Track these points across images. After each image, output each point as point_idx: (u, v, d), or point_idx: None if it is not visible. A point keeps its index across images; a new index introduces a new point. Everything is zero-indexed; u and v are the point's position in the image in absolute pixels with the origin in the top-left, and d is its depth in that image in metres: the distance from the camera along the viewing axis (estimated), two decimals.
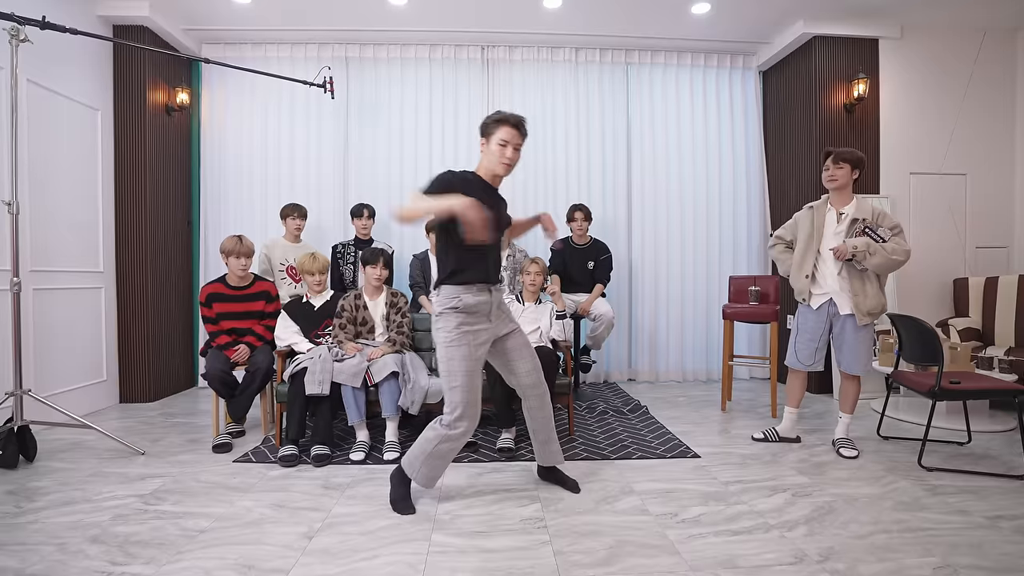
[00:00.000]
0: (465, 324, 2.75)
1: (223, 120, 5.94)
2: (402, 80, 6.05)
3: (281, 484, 3.23)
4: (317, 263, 4.18)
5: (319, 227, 5.93)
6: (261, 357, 4.06)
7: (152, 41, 5.29)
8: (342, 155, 6.00)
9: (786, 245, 4.05)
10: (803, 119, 5.72)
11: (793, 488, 3.15)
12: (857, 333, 3.65)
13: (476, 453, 3.75)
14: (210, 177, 5.92)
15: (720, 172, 6.28)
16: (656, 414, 4.80)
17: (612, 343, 6.20)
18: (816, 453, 3.76)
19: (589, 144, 6.20)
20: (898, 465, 3.51)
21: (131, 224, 5.22)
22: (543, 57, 6.13)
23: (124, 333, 5.23)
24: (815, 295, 3.80)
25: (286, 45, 5.95)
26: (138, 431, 4.32)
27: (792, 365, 3.91)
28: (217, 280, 4.21)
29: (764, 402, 5.22)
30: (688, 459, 3.65)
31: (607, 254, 5.35)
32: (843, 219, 3.70)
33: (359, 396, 3.72)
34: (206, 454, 3.77)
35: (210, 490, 3.15)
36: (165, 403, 5.24)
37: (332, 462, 3.58)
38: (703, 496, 3.05)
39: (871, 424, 4.44)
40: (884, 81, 5.61)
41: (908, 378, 3.71)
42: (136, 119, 5.22)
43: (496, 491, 3.13)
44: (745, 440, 4.06)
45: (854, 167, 3.68)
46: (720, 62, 6.30)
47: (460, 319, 2.75)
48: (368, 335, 4.10)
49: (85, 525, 2.71)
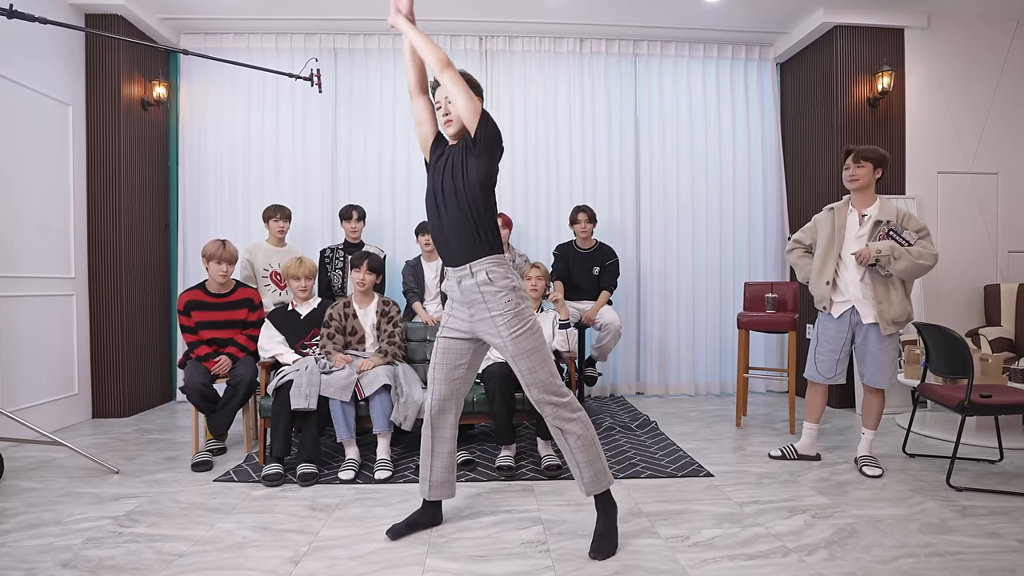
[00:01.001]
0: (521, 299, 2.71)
1: (203, 116, 5.97)
2: (394, 73, 6.08)
3: (265, 505, 3.25)
4: (304, 268, 4.20)
5: (305, 229, 5.96)
6: (243, 369, 4.07)
7: (127, 31, 5.32)
8: (330, 153, 6.04)
9: (805, 249, 4.07)
10: (823, 114, 5.75)
11: (813, 509, 3.16)
12: (881, 343, 3.66)
13: (474, 472, 3.76)
14: (189, 176, 5.95)
15: (734, 171, 6.31)
16: (666, 430, 4.82)
17: (619, 354, 6.22)
18: (837, 472, 3.77)
19: (594, 141, 6.23)
20: (925, 485, 3.52)
21: (104, 226, 5.24)
22: (545, 48, 6.17)
23: (97, 343, 5.25)
24: (836, 303, 3.81)
25: (270, 35, 5.99)
26: (112, 448, 4.33)
27: (812, 378, 3.92)
28: (196, 287, 4.23)
29: (782, 417, 5.24)
30: (700, 478, 3.67)
31: (613, 259, 5.37)
32: (866, 221, 3.71)
33: (348, 411, 3.73)
34: (184, 473, 3.78)
35: (189, 511, 3.16)
36: (141, 418, 5.26)
37: (319, 481, 3.59)
38: (716, 518, 3.06)
39: (896, 441, 4.45)
40: (910, 74, 5.65)
41: (936, 391, 3.72)
42: (110, 114, 5.25)
43: (495, 512, 3.14)
44: (761, 458, 4.08)
45: (876, 166, 3.69)
46: (735, 53, 6.34)
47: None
48: (358, 345, 4.12)
49: (55, 549, 2.71)
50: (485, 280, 2.62)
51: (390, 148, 6.06)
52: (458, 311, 2.77)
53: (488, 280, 2.62)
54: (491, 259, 2.65)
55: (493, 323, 2.62)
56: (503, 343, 2.62)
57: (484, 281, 2.62)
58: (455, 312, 2.79)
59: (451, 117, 2.71)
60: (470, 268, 2.65)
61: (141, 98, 5.54)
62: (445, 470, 2.93)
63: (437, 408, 2.86)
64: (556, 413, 2.67)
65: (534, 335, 2.64)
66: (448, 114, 2.71)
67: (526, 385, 2.66)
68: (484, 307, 2.64)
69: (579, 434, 2.68)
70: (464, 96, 2.56)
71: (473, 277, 2.64)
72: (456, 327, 2.78)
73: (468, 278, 2.66)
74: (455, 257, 2.69)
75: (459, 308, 2.76)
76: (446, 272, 2.77)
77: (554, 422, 2.68)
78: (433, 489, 2.93)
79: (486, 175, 2.64)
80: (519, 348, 2.61)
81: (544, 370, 2.64)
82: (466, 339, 2.80)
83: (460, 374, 2.84)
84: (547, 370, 2.65)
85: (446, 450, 2.92)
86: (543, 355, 2.65)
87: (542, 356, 2.64)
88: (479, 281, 2.63)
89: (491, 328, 2.64)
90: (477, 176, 2.62)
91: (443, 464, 2.92)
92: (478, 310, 2.66)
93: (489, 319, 2.64)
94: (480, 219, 2.64)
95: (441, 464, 2.92)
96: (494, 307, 2.62)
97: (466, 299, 2.69)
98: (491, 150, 2.63)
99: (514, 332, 2.60)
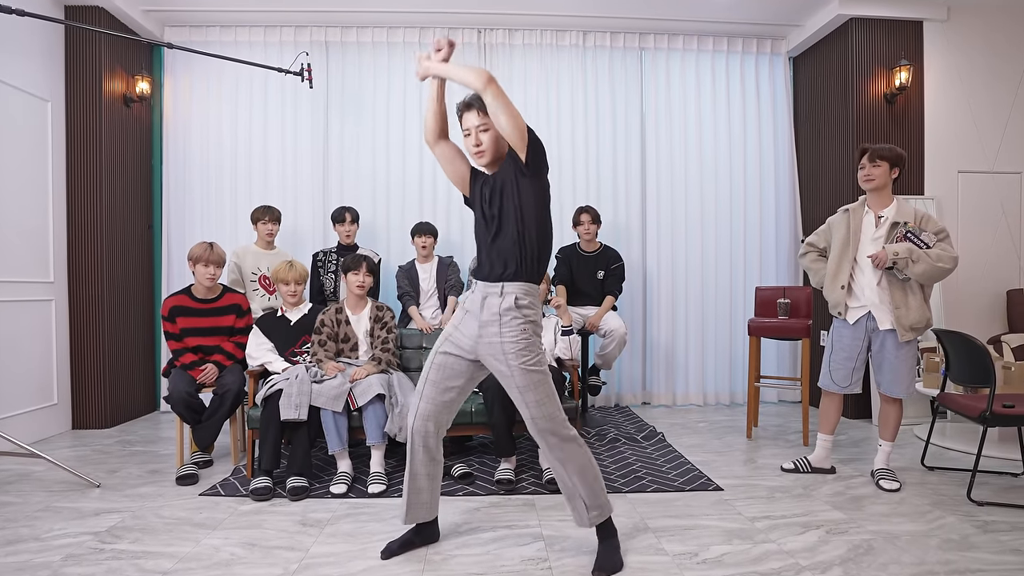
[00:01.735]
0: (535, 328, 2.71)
1: (188, 112, 6.00)
2: (389, 68, 6.11)
3: (253, 520, 3.26)
4: (294, 272, 4.21)
5: (295, 232, 5.98)
6: (231, 378, 4.09)
7: (108, 24, 5.33)
8: (321, 152, 6.05)
9: (819, 253, 4.09)
10: (839, 111, 5.78)
11: (827, 525, 3.17)
12: (898, 351, 3.68)
13: (471, 485, 3.77)
14: (174, 176, 5.97)
15: (745, 171, 6.33)
16: (673, 442, 4.83)
17: (624, 362, 6.24)
18: (853, 485, 3.78)
19: (598, 139, 6.25)
20: (945, 499, 3.53)
21: (85, 228, 5.25)
22: (547, 42, 6.20)
23: (77, 351, 5.26)
24: (852, 308, 3.83)
25: (259, 28, 6.01)
26: (93, 461, 4.34)
27: (826, 387, 3.94)
28: (182, 292, 4.25)
29: (795, 428, 5.25)
30: (709, 492, 3.68)
31: (619, 262, 5.39)
32: (882, 223, 3.73)
33: (340, 421, 3.75)
34: (169, 487, 3.80)
35: (173, 527, 3.17)
36: (123, 429, 5.27)
37: (310, 496, 3.61)
38: (726, 534, 3.07)
39: (914, 453, 4.46)
40: (929, 68, 5.67)
41: (956, 401, 3.73)
42: (91, 111, 5.27)
43: (494, 528, 3.15)
44: (773, 471, 4.09)
45: (893, 165, 3.71)
46: (745, 47, 6.36)
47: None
48: (351, 353, 4.13)
49: (33, 566, 2.72)
50: (511, 305, 2.60)
51: (384, 147, 6.08)
52: (467, 326, 2.72)
53: (515, 306, 2.61)
54: (525, 285, 2.64)
55: (501, 349, 2.59)
56: (509, 371, 2.60)
57: (510, 306, 2.60)
58: (463, 327, 2.74)
59: (483, 148, 2.67)
60: (502, 287, 2.63)
61: (123, 94, 5.56)
62: (426, 491, 2.88)
63: (419, 425, 2.77)
64: (560, 445, 2.66)
65: (543, 369, 2.63)
66: (480, 144, 2.67)
67: (532, 419, 2.62)
68: (497, 330, 2.60)
69: (583, 464, 2.69)
70: (510, 115, 2.50)
71: (501, 297, 2.62)
72: (459, 343, 2.73)
73: (495, 296, 2.63)
74: (493, 274, 2.67)
75: (470, 323, 2.71)
76: (475, 285, 2.74)
77: (557, 454, 2.67)
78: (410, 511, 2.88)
79: (542, 194, 2.66)
80: (528, 380, 2.59)
81: (552, 404, 2.64)
82: (466, 360, 2.75)
83: (450, 397, 2.78)
84: (555, 404, 2.65)
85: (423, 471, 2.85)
86: (550, 389, 2.65)
87: (550, 390, 2.64)
88: (505, 305, 2.60)
89: (497, 353, 2.61)
90: (534, 198, 2.63)
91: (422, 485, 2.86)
92: (489, 332, 2.62)
93: (498, 344, 2.60)
94: (531, 243, 2.64)
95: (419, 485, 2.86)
96: (507, 333, 2.59)
97: (483, 317, 2.65)
98: (542, 168, 2.66)
99: (524, 363, 2.58)
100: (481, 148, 2.67)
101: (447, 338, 2.77)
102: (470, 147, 2.71)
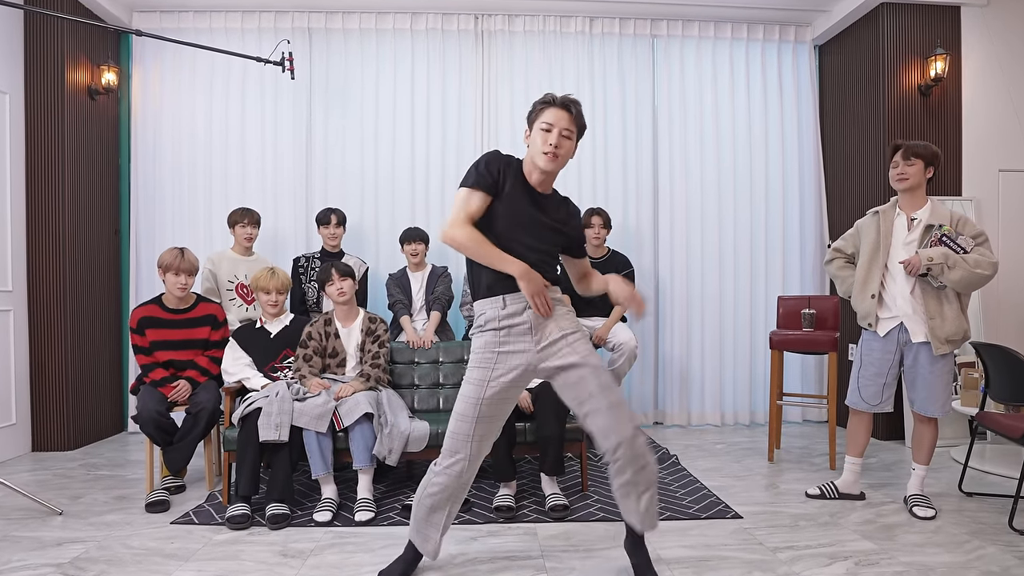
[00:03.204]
0: (493, 345, 2.77)
1: (159, 106, 6.02)
2: (378, 57, 6.14)
3: (229, 551, 3.28)
4: (276, 280, 4.24)
5: (276, 235, 6.01)
6: (205, 395, 4.11)
7: (72, 9, 5.36)
8: (304, 149, 6.09)
9: (846, 259, 4.10)
10: (869, 104, 5.81)
11: (856, 555, 3.19)
12: (933, 366, 3.68)
13: (468, 512, 3.79)
14: (143, 175, 5.99)
15: (767, 170, 6.35)
16: (688, 465, 4.85)
17: (634, 378, 6.25)
18: (884, 513, 3.80)
19: (606, 135, 6.28)
20: (984, 527, 3.55)
21: (46, 233, 5.28)
22: (550, 28, 6.23)
23: (37, 366, 5.27)
24: (882, 319, 3.83)
25: (235, 13, 6.05)
26: (55, 486, 4.36)
27: (854, 405, 3.95)
28: (151, 302, 4.28)
29: (821, 450, 5.27)
30: (728, 520, 3.70)
31: (629, 269, 5.41)
32: (915, 226, 3.74)
33: (325, 443, 3.77)
34: (138, 514, 3.81)
35: (143, 558, 3.19)
36: (88, 451, 5.28)
37: (292, 524, 3.62)
38: (746, 565, 3.10)
39: (951, 477, 4.47)
40: (967, 57, 5.70)
41: (996, 421, 3.75)
42: (52, 104, 5.30)
43: (493, 559, 3.18)
44: (797, 497, 4.10)
45: (928, 164, 3.73)
46: (767, 34, 6.40)
47: (487, 338, 2.78)
48: (337, 368, 4.15)
49: None
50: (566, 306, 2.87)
51: (372, 142, 6.10)
52: (516, 342, 2.77)
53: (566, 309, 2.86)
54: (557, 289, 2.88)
55: (566, 341, 2.76)
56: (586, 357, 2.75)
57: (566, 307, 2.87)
58: (510, 345, 2.77)
59: (561, 152, 2.74)
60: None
61: (88, 86, 5.59)
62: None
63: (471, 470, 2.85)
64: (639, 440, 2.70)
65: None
66: (559, 148, 2.72)
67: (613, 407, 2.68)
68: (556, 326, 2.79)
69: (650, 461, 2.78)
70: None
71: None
72: (514, 364, 2.77)
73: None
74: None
75: (516, 339, 2.76)
76: (504, 300, 2.75)
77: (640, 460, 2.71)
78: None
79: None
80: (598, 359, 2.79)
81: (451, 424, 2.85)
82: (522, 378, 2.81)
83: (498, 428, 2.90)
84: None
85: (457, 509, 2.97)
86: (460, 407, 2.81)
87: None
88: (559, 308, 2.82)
89: (564, 347, 2.76)
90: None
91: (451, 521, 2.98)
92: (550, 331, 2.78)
93: (562, 339, 2.77)
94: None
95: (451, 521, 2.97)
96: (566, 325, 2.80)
97: (538, 323, 2.76)
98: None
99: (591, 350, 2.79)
100: (559, 151, 2.72)
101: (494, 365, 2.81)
102: (545, 145, 2.71)
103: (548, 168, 2.72)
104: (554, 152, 2.69)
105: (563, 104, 2.73)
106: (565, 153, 2.73)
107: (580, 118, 2.76)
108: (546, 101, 2.76)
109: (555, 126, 2.70)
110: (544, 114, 2.74)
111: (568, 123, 2.72)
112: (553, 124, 2.70)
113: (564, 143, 2.71)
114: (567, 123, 2.71)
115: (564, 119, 2.71)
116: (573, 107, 2.73)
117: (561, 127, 2.70)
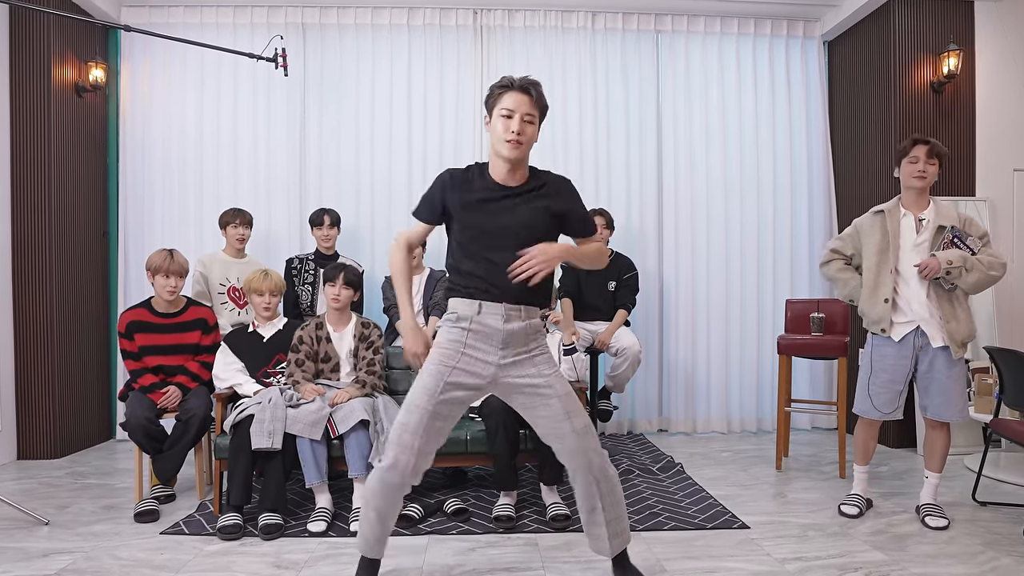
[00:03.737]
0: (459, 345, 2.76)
1: (148, 103, 6.03)
2: (373, 52, 6.15)
3: (221, 562, 3.28)
4: (269, 282, 4.24)
5: (268, 237, 6.01)
6: (196, 402, 4.11)
7: (58, 3, 5.32)
8: (298, 147, 6.09)
9: (846, 261, 4.07)
10: (879, 102, 5.82)
11: (867, 567, 3.19)
12: (951, 370, 3.67)
13: (466, 523, 3.80)
14: (132, 175, 6.00)
15: (774, 169, 6.36)
16: (693, 474, 4.85)
17: (638, 384, 6.24)
18: (895, 523, 3.80)
19: (609, 133, 6.28)
20: (999, 538, 3.55)
21: (32, 234, 5.28)
22: (551, 23, 6.23)
23: (23, 372, 5.28)
24: (897, 324, 3.79)
25: (227, 8, 6.05)
26: (40, 495, 4.36)
27: (865, 414, 3.92)
28: (140, 305, 4.29)
29: (830, 459, 5.26)
30: (734, 530, 3.70)
31: (632, 272, 5.42)
32: (924, 227, 3.74)
33: (319, 451, 3.77)
34: (127, 524, 3.81)
35: (131, 569, 3.19)
36: (75, 459, 5.29)
37: (285, 534, 3.62)
38: None
39: (965, 486, 4.46)
40: (980, 54, 5.71)
41: (1011, 428, 3.75)
42: (38, 102, 5.30)
43: (492, 571, 3.18)
44: (805, 506, 4.11)
45: (941, 165, 3.75)
46: (775, 30, 6.40)
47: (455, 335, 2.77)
48: (331, 374, 4.16)
49: None
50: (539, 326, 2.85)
51: (368, 142, 6.11)
52: (480, 351, 2.75)
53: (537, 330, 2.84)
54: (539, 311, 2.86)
55: (532, 363, 2.77)
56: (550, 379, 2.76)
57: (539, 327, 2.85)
58: (474, 350, 2.75)
59: (524, 138, 2.70)
60: (523, 310, 2.76)
61: (75, 83, 5.59)
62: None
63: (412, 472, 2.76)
64: (601, 461, 2.77)
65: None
66: (521, 134, 2.69)
67: (578, 433, 2.72)
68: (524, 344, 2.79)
69: (615, 480, 2.83)
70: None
71: (523, 321, 2.76)
72: (472, 370, 2.75)
73: (518, 321, 2.75)
74: (507, 295, 2.73)
75: (483, 347, 2.75)
76: (481, 306, 2.73)
77: (597, 474, 2.77)
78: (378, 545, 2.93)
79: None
80: (566, 387, 2.78)
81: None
82: (479, 386, 2.79)
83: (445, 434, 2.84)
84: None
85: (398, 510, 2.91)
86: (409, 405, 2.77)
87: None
88: (534, 325, 2.81)
89: (529, 369, 2.77)
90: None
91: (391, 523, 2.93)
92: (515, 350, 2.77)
93: (528, 359, 2.78)
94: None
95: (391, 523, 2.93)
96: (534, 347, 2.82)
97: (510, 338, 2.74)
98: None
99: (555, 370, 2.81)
100: (521, 138, 2.69)
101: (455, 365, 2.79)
102: (507, 133, 2.68)
103: (512, 155, 2.70)
104: (517, 139, 2.67)
105: (522, 87, 2.70)
106: (529, 138, 2.72)
107: (541, 99, 2.74)
108: (504, 85, 2.73)
109: (516, 111, 2.68)
110: (503, 99, 2.71)
111: (529, 107, 2.70)
112: (514, 110, 2.68)
113: (527, 128, 2.70)
114: (528, 107, 2.70)
115: (525, 103, 2.69)
116: (533, 89, 2.70)
117: (523, 112, 2.68)
